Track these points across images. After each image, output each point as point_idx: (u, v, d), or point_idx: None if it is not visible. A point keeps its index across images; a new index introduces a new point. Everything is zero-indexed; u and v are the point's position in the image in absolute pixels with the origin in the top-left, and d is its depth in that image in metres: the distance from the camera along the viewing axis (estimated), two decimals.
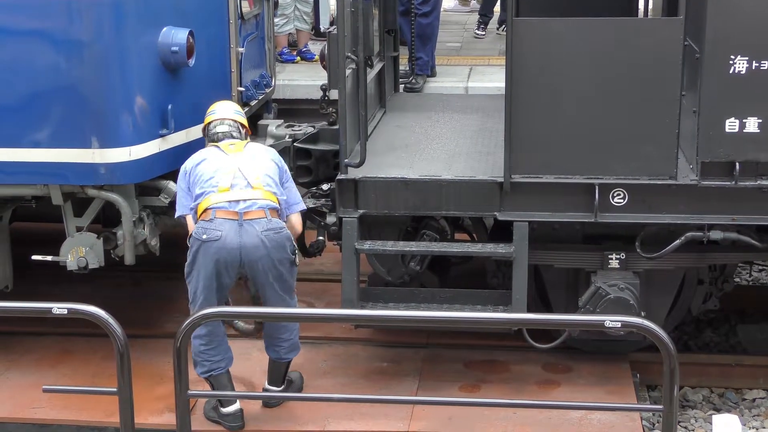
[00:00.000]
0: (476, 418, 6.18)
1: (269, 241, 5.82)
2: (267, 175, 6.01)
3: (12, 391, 6.63)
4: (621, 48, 5.92)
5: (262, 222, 5.83)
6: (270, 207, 5.90)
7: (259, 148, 6.26)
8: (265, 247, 5.83)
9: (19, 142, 6.38)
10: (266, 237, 5.82)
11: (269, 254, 5.86)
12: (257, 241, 5.81)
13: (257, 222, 5.83)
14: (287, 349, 6.27)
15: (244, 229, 5.82)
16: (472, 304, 6.45)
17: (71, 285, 7.52)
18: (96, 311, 4.83)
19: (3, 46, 6.28)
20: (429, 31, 9.42)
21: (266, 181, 5.97)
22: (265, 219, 5.85)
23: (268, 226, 5.83)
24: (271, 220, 5.86)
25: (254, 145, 6.27)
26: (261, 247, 5.82)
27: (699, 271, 6.72)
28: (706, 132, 5.98)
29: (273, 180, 6.02)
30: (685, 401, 7.07)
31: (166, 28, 6.51)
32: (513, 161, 6.12)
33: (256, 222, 5.83)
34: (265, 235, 5.82)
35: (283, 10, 10.27)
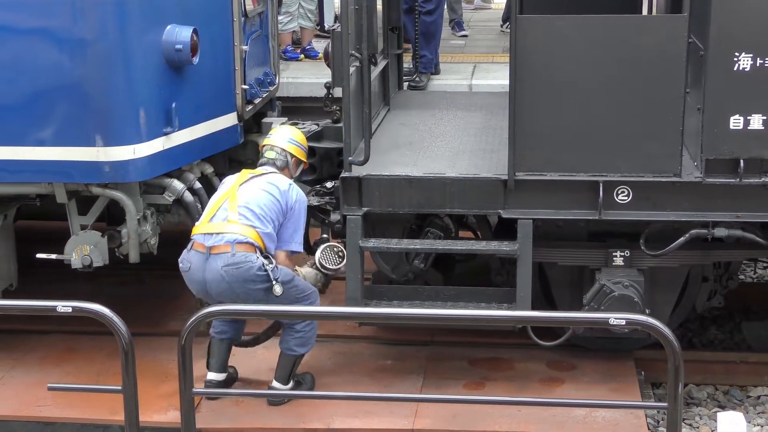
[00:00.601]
0: (480, 416, 6.18)
1: (228, 276, 5.94)
2: (250, 209, 6.08)
3: (17, 389, 6.64)
4: (625, 45, 5.91)
5: (225, 257, 5.97)
6: (239, 241, 5.99)
7: (273, 181, 6.23)
8: (225, 281, 5.97)
9: (23, 140, 6.38)
10: (226, 272, 5.95)
11: (231, 288, 5.99)
12: (218, 276, 5.97)
13: (221, 257, 5.98)
14: (297, 342, 6.28)
15: (209, 263, 6.00)
16: (476, 301, 6.45)
17: (75, 283, 7.52)
18: (100, 309, 4.84)
19: (7, 45, 6.28)
20: (433, 28, 9.43)
21: (246, 215, 6.06)
22: (229, 254, 5.98)
23: (230, 261, 5.95)
24: (236, 254, 5.95)
25: (272, 178, 6.26)
26: (222, 282, 5.97)
27: (703, 268, 6.72)
28: (711, 129, 5.97)
29: (257, 214, 6.07)
30: (690, 399, 7.07)
31: (170, 26, 6.51)
32: (517, 159, 6.11)
33: (220, 257, 5.98)
34: (225, 270, 5.95)
35: (288, 7, 10.27)
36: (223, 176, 7.51)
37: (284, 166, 6.40)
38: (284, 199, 6.19)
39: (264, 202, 6.13)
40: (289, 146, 6.44)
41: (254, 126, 7.82)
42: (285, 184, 6.26)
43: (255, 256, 6.00)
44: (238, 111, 7.28)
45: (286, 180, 6.32)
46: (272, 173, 6.33)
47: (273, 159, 6.39)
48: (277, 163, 6.38)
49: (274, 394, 6.29)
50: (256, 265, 5.97)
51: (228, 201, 6.14)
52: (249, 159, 7.77)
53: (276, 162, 6.38)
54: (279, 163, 6.39)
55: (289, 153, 6.42)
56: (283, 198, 6.19)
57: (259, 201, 6.13)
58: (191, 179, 6.98)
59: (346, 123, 6.30)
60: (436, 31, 9.52)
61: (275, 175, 6.32)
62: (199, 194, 7.01)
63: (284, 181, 6.29)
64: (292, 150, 6.44)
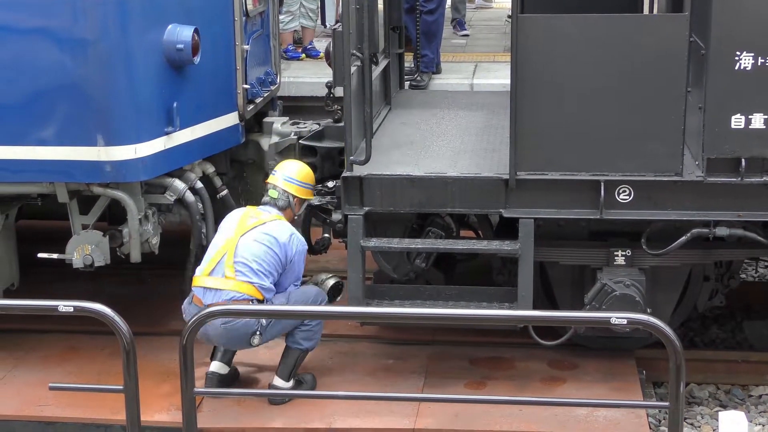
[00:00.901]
0: (482, 415, 6.18)
1: (227, 331, 6.11)
2: (248, 265, 6.14)
3: (18, 389, 6.64)
4: (626, 45, 5.91)
5: None
6: (236, 298, 6.11)
7: (273, 233, 6.23)
8: (225, 337, 6.18)
9: (25, 140, 6.39)
10: (225, 329, 6.10)
11: (230, 343, 6.30)
12: (219, 331, 6.12)
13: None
14: (303, 336, 6.32)
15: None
16: (478, 301, 6.45)
17: (77, 283, 7.53)
18: (102, 309, 4.84)
19: (9, 45, 6.28)
20: (434, 28, 9.43)
21: (244, 270, 6.13)
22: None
23: (227, 318, 6.06)
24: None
25: (272, 228, 6.26)
26: (222, 336, 6.18)
27: (705, 267, 6.71)
28: (712, 128, 5.97)
29: (255, 270, 6.14)
30: (692, 398, 7.07)
31: (171, 25, 6.51)
32: (518, 158, 6.11)
33: None
34: (225, 328, 6.10)
35: (289, 7, 10.27)
36: (224, 176, 7.55)
37: (286, 206, 6.43)
38: (283, 252, 6.22)
39: (263, 257, 6.18)
40: (290, 187, 6.43)
41: (255, 125, 7.82)
42: (285, 234, 6.25)
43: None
44: (239, 110, 7.28)
45: (286, 230, 6.28)
46: (272, 221, 6.30)
47: (275, 199, 6.41)
48: (279, 203, 6.41)
49: (275, 393, 6.30)
50: (252, 320, 6.12)
51: (227, 256, 6.17)
52: (250, 159, 7.78)
53: (277, 203, 6.41)
54: (281, 203, 6.41)
55: (290, 194, 6.44)
56: (282, 251, 6.22)
57: (257, 256, 6.17)
58: (192, 179, 6.98)
59: (348, 122, 6.30)
60: (437, 30, 9.52)
61: (275, 224, 6.29)
62: (201, 194, 7.01)
63: (284, 231, 6.27)
64: (293, 191, 6.44)
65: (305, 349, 6.40)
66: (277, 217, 6.36)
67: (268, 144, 7.65)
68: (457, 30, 11.80)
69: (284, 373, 6.37)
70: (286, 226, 6.32)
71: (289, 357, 6.38)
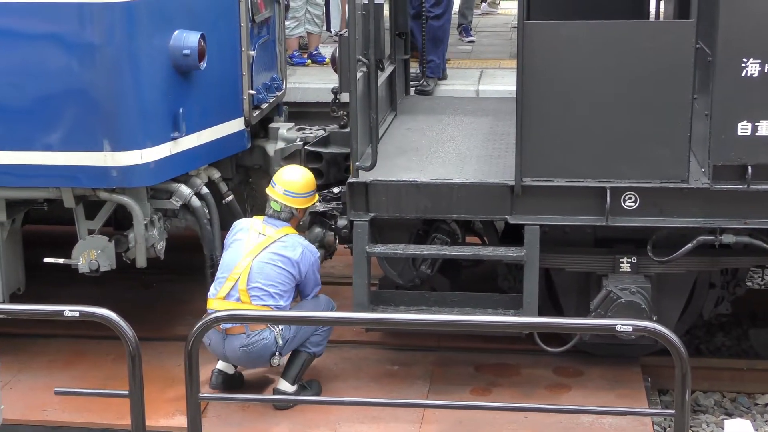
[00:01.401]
0: (487, 422, 6.17)
1: (246, 354, 6.27)
2: (264, 289, 6.23)
3: (24, 394, 6.64)
4: (632, 51, 5.90)
5: (241, 338, 6.23)
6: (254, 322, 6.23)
7: (284, 252, 6.29)
8: (244, 360, 6.35)
9: (31, 145, 6.40)
10: (244, 351, 6.25)
11: (249, 364, 6.46)
12: (238, 354, 6.29)
13: (237, 338, 6.23)
14: (313, 342, 6.40)
15: (228, 342, 6.27)
16: (483, 307, 6.44)
17: (83, 287, 7.53)
18: (107, 314, 4.84)
19: (16, 50, 6.30)
20: (441, 33, 9.42)
21: (259, 295, 6.23)
22: (244, 335, 6.23)
23: (245, 342, 6.23)
24: (250, 335, 6.22)
25: (282, 247, 6.31)
26: (241, 359, 6.34)
27: (711, 274, 6.70)
28: (719, 135, 5.96)
29: (271, 294, 6.23)
30: (697, 406, 7.05)
31: (178, 31, 6.52)
32: (524, 164, 6.11)
33: (237, 338, 6.24)
34: (243, 351, 6.25)
35: (294, 13, 10.27)
36: (230, 182, 7.56)
37: (290, 217, 6.49)
38: (297, 269, 6.31)
39: (277, 279, 6.26)
40: (290, 201, 6.45)
41: (261, 131, 7.82)
42: (296, 251, 6.32)
43: (268, 332, 6.24)
44: (245, 116, 7.29)
45: (296, 245, 6.35)
46: (281, 238, 6.34)
47: (278, 212, 6.46)
48: (282, 216, 6.46)
49: (281, 399, 6.30)
50: (270, 341, 6.24)
51: (240, 281, 6.24)
52: (256, 164, 7.78)
53: (280, 215, 6.46)
54: (284, 215, 6.47)
55: (292, 207, 6.46)
56: (296, 268, 6.31)
57: (272, 279, 6.25)
58: (198, 184, 6.99)
59: (353, 128, 6.30)
60: (443, 36, 9.51)
61: (284, 240, 6.33)
62: (206, 199, 7.02)
63: (294, 247, 6.33)
64: (295, 204, 6.46)
65: (313, 353, 6.43)
66: (284, 232, 6.40)
67: (274, 150, 7.65)
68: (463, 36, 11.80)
69: (290, 377, 6.39)
70: (294, 241, 6.37)
71: (296, 361, 6.41)
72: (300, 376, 6.43)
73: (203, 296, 6.52)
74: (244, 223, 6.53)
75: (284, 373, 6.42)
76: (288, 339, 6.29)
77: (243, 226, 6.50)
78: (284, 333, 6.26)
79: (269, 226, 6.43)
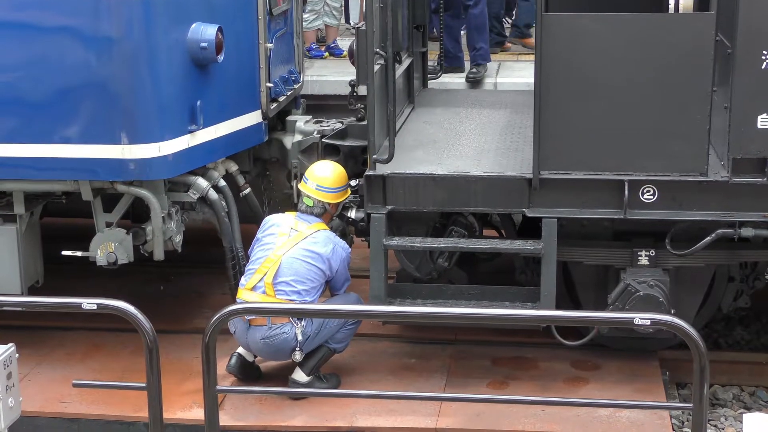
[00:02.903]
0: (504, 415, 6.16)
1: (267, 346, 6.32)
2: (291, 285, 6.26)
3: (42, 386, 6.67)
4: (651, 44, 5.87)
5: (262, 330, 6.27)
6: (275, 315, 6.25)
7: (315, 248, 6.32)
8: (266, 351, 6.40)
9: (49, 138, 6.42)
10: (264, 343, 6.31)
11: (272, 357, 6.51)
12: (259, 345, 6.35)
13: (259, 329, 6.28)
14: (336, 339, 6.41)
15: (251, 332, 6.32)
16: (501, 300, 6.43)
17: (101, 280, 7.56)
18: (125, 306, 4.85)
19: (34, 44, 6.32)
20: (481, 20, 9.56)
21: (286, 290, 6.26)
22: (265, 327, 6.27)
23: (266, 335, 6.27)
24: (271, 327, 6.26)
25: (313, 243, 6.33)
26: (262, 350, 6.40)
27: (730, 268, 6.67)
28: (738, 128, 5.93)
29: (298, 290, 6.27)
30: (715, 399, 7.02)
31: (195, 24, 6.52)
32: (542, 157, 6.09)
33: (258, 329, 6.28)
34: (264, 342, 6.30)
35: (313, 5, 10.28)
36: (248, 174, 7.56)
37: (323, 212, 6.51)
38: (327, 266, 6.35)
39: (306, 275, 6.30)
40: (323, 196, 6.47)
41: (279, 124, 7.82)
42: (327, 247, 6.34)
43: (289, 326, 6.26)
44: (262, 109, 7.29)
45: (328, 241, 6.37)
46: (313, 234, 6.36)
47: (310, 207, 6.48)
48: (315, 211, 6.48)
49: (298, 392, 6.30)
50: (291, 335, 6.27)
51: (268, 274, 6.27)
52: (273, 157, 7.79)
53: (313, 211, 6.48)
54: (317, 211, 6.49)
55: (325, 203, 6.47)
56: (326, 265, 6.34)
57: (300, 275, 6.29)
58: (216, 177, 7.00)
59: (371, 121, 6.30)
60: (484, 22, 9.62)
61: (316, 236, 6.36)
62: (224, 192, 7.03)
63: (326, 243, 6.36)
64: (328, 199, 6.48)
65: (333, 349, 6.44)
66: (317, 227, 6.41)
67: (291, 142, 7.65)
68: None
69: (307, 367, 6.41)
70: (326, 238, 6.40)
71: (316, 353, 6.43)
72: (317, 368, 6.44)
73: (221, 289, 6.55)
74: (277, 219, 6.54)
75: (301, 363, 6.43)
76: (309, 335, 6.29)
77: (276, 221, 6.51)
78: (306, 329, 6.26)
79: (302, 221, 6.45)
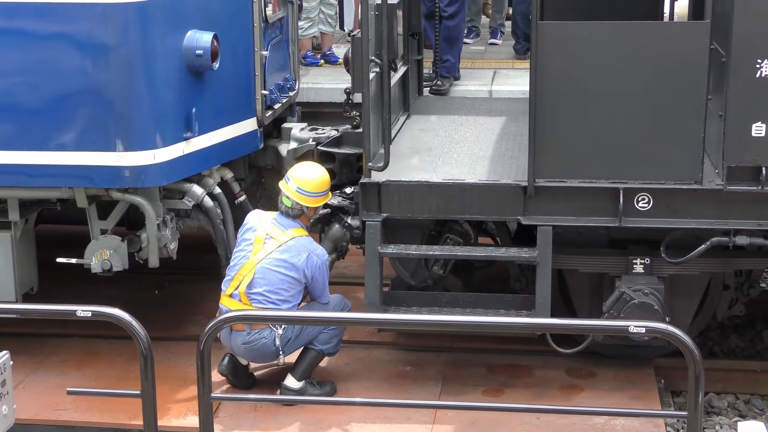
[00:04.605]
0: (499, 423, 6.16)
1: (249, 351, 6.41)
2: (266, 296, 6.28)
3: (36, 393, 6.66)
4: (646, 52, 5.88)
5: (242, 335, 6.34)
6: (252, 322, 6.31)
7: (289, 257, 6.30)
8: (248, 355, 6.49)
9: (45, 145, 6.41)
10: (246, 348, 6.39)
11: (256, 360, 6.58)
12: (242, 350, 6.44)
13: (239, 334, 6.35)
14: (321, 340, 6.39)
15: (233, 337, 6.39)
16: (496, 308, 6.43)
17: (95, 287, 7.54)
18: (119, 314, 4.85)
19: (29, 50, 6.31)
20: (455, 33, 9.41)
21: (260, 300, 6.29)
22: (245, 332, 6.33)
23: (246, 339, 6.35)
24: (250, 332, 6.32)
25: (286, 252, 6.31)
26: (246, 354, 6.49)
27: (724, 276, 6.68)
28: (733, 136, 5.94)
29: (273, 300, 6.29)
30: (710, 407, 7.02)
31: (191, 31, 6.52)
32: (537, 165, 6.09)
33: (239, 334, 6.35)
34: (245, 347, 6.39)
35: (308, 13, 10.28)
36: (243, 182, 7.56)
37: (300, 214, 6.47)
38: (301, 275, 6.32)
39: (280, 285, 6.30)
40: (303, 199, 6.42)
41: (274, 131, 7.83)
42: (301, 257, 6.31)
43: (268, 331, 6.30)
44: (257, 116, 7.29)
45: (303, 250, 6.33)
46: (288, 242, 6.33)
47: (289, 208, 6.44)
48: (292, 212, 6.45)
49: (293, 400, 6.31)
50: (270, 340, 6.32)
51: (242, 283, 6.30)
52: (268, 164, 7.79)
53: (291, 212, 6.45)
54: (294, 212, 6.45)
55: (302, 205, 6.44)
56: (300, 273, 6.31)
57: (274, 285, 6.29)
58: (211, 184, 7.00)
59: (366, 128, 6.30)
60: (458, 35, 9.49)
61: (291, 244, 6.32)
62: (219, 199, 7.03)
63: (300, 252, 6.32)
64: (306, 203, 6.43)
65: (320, 351, 6.43)
66: (292, 235, 6.37)
67: (287, 150, 7.66)
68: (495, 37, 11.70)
69: (297, 373, 6.43)
70: (302, 246, 6.35)
71: (304, 358, 6.45)
72: (308, 373, 6.44)
73: (216, 296, 6.54)
74: (254, 221, 6.50)
75: (292, 369, 6.46)
76: (290, 339, 6.31)
77: (253, 224, 6.48)
78: (286, 333, 6.28)
79: (278, 227, 6.41)
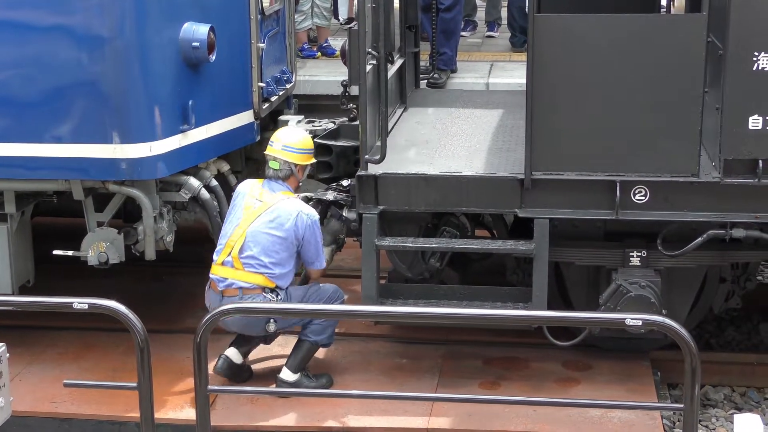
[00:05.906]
0: (496, 415, 6.17)
1: (242, 319, 6.21)
2: (258, 258, 6.26)
3: (33, 385, 6.66)
4: (643, 45, 5.88)
5: (234, 300, 6.25)
6: (245, 287, 6.27)
7: (278, 219, 6.29)
8: (240, 324, 6.32)
9: (41, 137, 6.40)
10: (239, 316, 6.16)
11: (246, 329, 6.42)
12: (235, 317, 6.16)
13: (231, 300, 6.26)
14: (312, 330, 6.37)
15: (224, 303, 6.18)
16: (492, 301, 6.44)
17: (92, 280, 7.54)
18: (116, 306, 4.85)
19: (26, 42, 6.30)
20: (452, 26, 9.40)
21: (252, 263, 6.27)
22: (236, 298, 6.27)
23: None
24: (243, 298, 6.27)
25: (276, 213, 6.29)
26: (237, 323, 6.30)
27: (721, 269, 6.68)
28: (729, 129, 5.94)
29: (265, 263, 6.26)
30: (707, 400, 7.03)
31: (188, 23, 6.51)
32: (534, 158, 6.09)
33: (231, 299, 6.26)
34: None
35: (301, 6, 10.26)
36: (240, 174, 7.56)
37: (289, 175, 6.45)
38: (292, 236, 6.29)
39: (271, 248, 6.28)
40: (289, 156, 6.41)
41: (271, 123, 7.82)
42: (290, 217, 6.28)
43: (261, 297, 6.26)
44: (254, 109, 7.29)
45: (291, 210, 6.30)
46: (277, 204, 6.31)
47: (277, 170, 6.42)
48: (281, 174, 6.43)
49: (289, 392, 6.30)
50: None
51: (235, 248, 6.29)
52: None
53: (279, 173, 6.43)
54: (283, 173, 6.43)
55: (291, 163, 6.42)
56: (290, 234, 6.28)
57: (266, 248, 6.27)
58: (207, 177, 7.00)
59: (363, 121, 6.29)
60: (455, 28, 9.49)
61: (279, 206, 6.30)
62: (216, 192, 7.02)
63: (289, 213, 6.29)
64: (294, 159, 6.42)
65: (314, 342, 6.43)
66: (281, 195, 6.37)
67: None
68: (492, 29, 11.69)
69: (292, 365, 6.42)
70: (290, 207, 6.33)
71: (299, 350, 6.44)
72: (303, 365, 6.44)
73: None
74: (244, 188, 6.51)
75: (287, 361, 6.45)
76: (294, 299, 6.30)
77: (243, 190, 6.48)
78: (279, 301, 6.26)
79: (266, 191, 6.40)
